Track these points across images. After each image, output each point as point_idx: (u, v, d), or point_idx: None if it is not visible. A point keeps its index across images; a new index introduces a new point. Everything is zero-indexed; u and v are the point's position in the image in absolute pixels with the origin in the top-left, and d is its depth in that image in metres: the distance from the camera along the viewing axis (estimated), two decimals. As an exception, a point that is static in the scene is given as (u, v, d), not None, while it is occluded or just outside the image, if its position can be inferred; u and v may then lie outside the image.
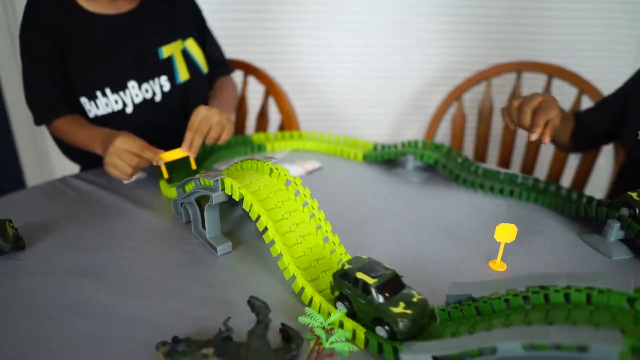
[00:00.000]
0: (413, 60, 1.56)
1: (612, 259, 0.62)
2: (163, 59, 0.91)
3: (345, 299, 0.46)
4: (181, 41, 0.93)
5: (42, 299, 0.50)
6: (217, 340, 0.40)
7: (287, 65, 1.54)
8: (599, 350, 0.32)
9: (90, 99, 0.86)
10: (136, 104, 0.89)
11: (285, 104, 1.11)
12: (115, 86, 0.87)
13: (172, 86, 0.92)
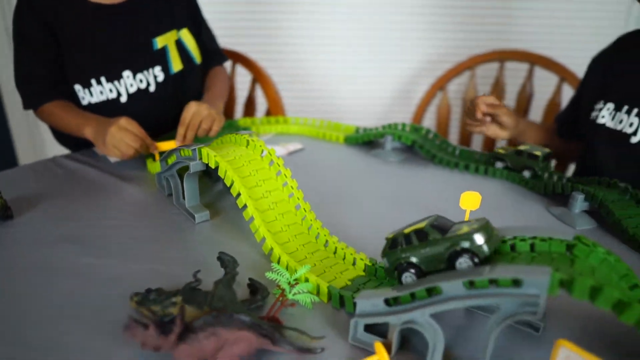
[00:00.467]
0: (400, 51, 1.59)
1: (576, 229, 0.65)
2: (157, 49, 0.93)
3: (408, 267, 0.43)
4: (175, 31, 0.95)
5: (27, 262, 0.53)
6: (186, 290, 0.42)
7: (278, 57, 1.57)
8: (531, 283, 0.34)
9: (84, 87, 0.88)
10: (130, 94, 0.91)
11: (272, 91, 1.15)
12: (111, 75, 0.89)
13: (165, 76, 0.94)
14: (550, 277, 0.34)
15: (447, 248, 0.40)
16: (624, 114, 0.77)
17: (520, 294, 0.35)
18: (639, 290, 0.41)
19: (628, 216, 0.63)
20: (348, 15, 1.54)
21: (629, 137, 0.75)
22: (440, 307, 0.37)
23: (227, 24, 1.49)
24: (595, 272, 0.38)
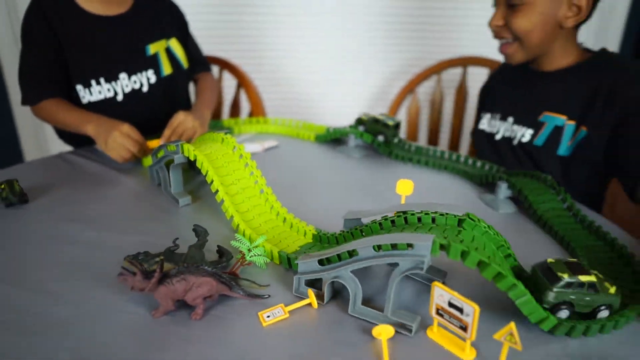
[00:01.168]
0: (374, 57, 1.73)
1: (499, 212, 0.77)
2: (150, 55, 1.06)
3: (566, 305, 0.49)
4: (165, 40, 1.09)
5: (40, 235, 0.65)
6: (166, 252, 0.55)
7: (260, 62, 1.71)
8: (420, 247, 0.46)
9: (85, 87, 1.00)
10: (126, 93, 1.04)
11: (254, 95, 1.28)
12: (109, 76, 1.02)
13: (157, 79, 1.08)
14: (433, 243, 0.46)
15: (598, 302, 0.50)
16: (497, 120, 1.00)
17: (412, 254, 0.46)
18: (512, 258, 0.54)
19: (542, 202, 0.76)
20: (326, 25, 1.68)
21: (493, 135, 1.00)
22: (358, 265, 0.49)
23: (213, 32, 1.62)
24: (475, 241, 0.50)
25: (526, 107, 0.95)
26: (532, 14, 0.86)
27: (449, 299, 0.45)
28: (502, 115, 1.00)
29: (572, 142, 0.89)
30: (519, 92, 0.98)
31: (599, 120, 0.85)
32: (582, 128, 0.87)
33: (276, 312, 0.50)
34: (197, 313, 0.48)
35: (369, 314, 0.50)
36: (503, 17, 0.89)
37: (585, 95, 0.88)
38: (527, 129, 0.94)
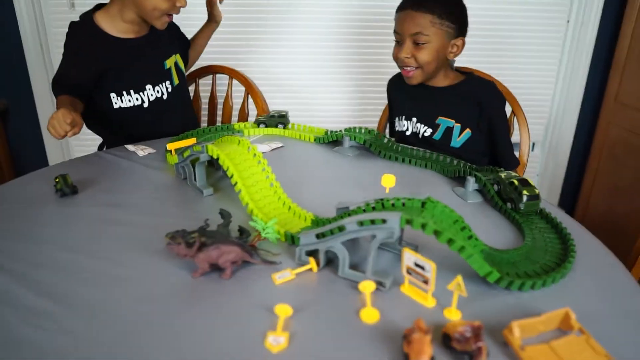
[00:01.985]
0: (370, 65, 1.89)
1: (467, 202, 0.93)
2: (166, 69, 1.28)
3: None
4: (174, 56, 1.30)
5: (92, 218, 0.81)
6: (200, 229, 0.70)
7: (266, 70, 1.87)
8: (391, 221, 0.62)
9: (118, 95, 1.21)
10: (151, 101, 1.25)
11: (260, 101, 1.44)
12: (137, 88, 1.23)
13: (172, 88, 1.29)
14: (400, 218, 0.62)
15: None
16: (404, 121, 1.31)
17: (386, 227, 0.62)
18: (467, 230, 0.70)
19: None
20: (325, 37, 1.84)
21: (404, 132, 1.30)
22: (345, 237, 0.65)
23: (224, 44, 1.78)
24: (434, 217, 0.66)
25: (425, 112, 1.27)
26: (432, 50, 1.17)
27: (414, 260, 0.61)
28: (406, 117, 1.31)
29: (460, 138, 1.23)
30: (418, 101, 1.29)
31: (476, 125, 1.22)
32: (467, 130, 1.22)
33: (285, 274, 0.66)
34: (226, 274, 0.64)
35: (354, 274, 0.65)
36: (410, 51, 1.19)
37: (465, 107, 1.23)
38: (428, 128, 1.26)
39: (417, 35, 1.17)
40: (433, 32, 1.17)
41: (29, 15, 1.77)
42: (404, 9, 1.20)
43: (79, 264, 0.68)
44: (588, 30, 1.91)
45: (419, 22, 1.17)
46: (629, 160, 1.81)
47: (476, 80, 1.27)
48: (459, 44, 1.21)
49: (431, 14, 1.16)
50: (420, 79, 1.23)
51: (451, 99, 1.25)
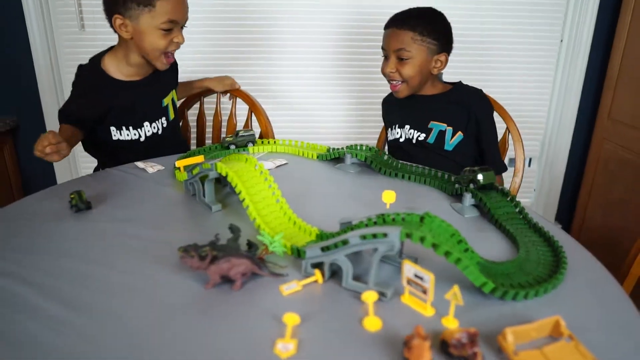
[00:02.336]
0: (372, 83, 1.94)
1: (465, 217, 0.97)
2: (164, 106, 1.35)
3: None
4: (171, 93, 1.38)
5: (107, 232, 0.85)
6: (211, 243, 0.74)
7: (270, 88, 1.92)
8: (391, 234, 0.66)
9: (117, 130, 1.28)
10: (147, 136, 1.33)
11: (263, 119, 1.49)
12: (136, 125, 1.30)
13: (167, 123, 1.37)
14: (400, 232, 0.66)
15: None
16: (397, 129, 1.40)
17: (387, 241, 0.66)
18: (463, 244, 0.74)
19: (498, 207, 0.96)
20: (327, 57, 1.90)
21: (398, 140, 1.39)
22: (349, 250, 0.69)
23: (227, 63, 1.84)
24: (432, 231, 0.70)
25: (417, 118, 1.36)
26: (414, 65, 1.28)
27: (414, 271, 0.64)
28: (399, 125, 1.40)
29: (452, 141, 1.32)
30: (410, 109, 1.38)
31: (465, 128, 1.31)
32: (459, 132, 1.31)
33: (292, 285, 0.70)
34: (236, 285, 0.68)
35: (358, 285, 0.69)
36: (395, 66, 1.29)
37: (455, 112, 1.32)
38: (421, 133, 1.35)
39: (400, 51, 1.27)
40: (415, 48, 1.26)
41: (41, 36, 1.83)
42: (389, 27, 1.31)
43: (97, 276, 0.72)
44: (580, 49, 1.97)
45: (402, 38, 1.26)
46: (623, 175, 1.85)
47: (464, 88, 1.37)
48: (442, 59, 1.30)
49: (412, 31, 1.26)
50: (406, 92, 1.33)
51: (441, 105, 1.34)
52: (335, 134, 2.05)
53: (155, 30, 1.17)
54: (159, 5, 1.14)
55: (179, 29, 1.21)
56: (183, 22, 1.22)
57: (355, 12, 1.89)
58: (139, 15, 1.15)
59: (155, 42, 1.19)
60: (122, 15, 1.17)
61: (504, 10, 1.93)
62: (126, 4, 1.15)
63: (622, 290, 0.73)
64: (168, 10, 1.15)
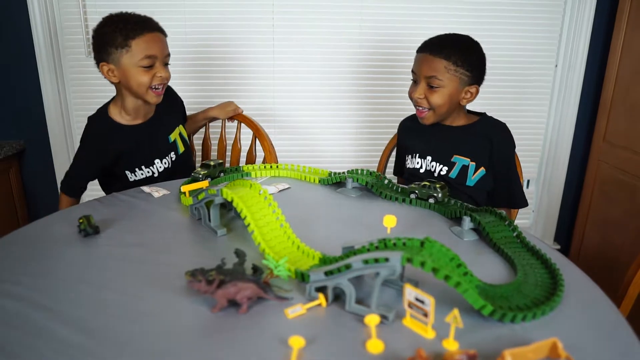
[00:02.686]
0: (374, 107, 1.99)
1: (464, 240, 0.99)
2: (171, 142, 1.42)
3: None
4: (177, 128, 1.44)
5: (115, 257, 0.87)
6: (218, 267, 0.76)
7: (273, 113, 1.97)
8: (393, 259, 0.68)
9: (131, 172, 1.36)
10: (160, 171, 1.39)
11: (267, 144, 1.53)
12: (147, 164, 1.37)
13: (176, 156, 1.43)
14: (401, 257, 0.68)
15: None
16: (417, 158, 1.37)
17: (388, 265, 0.68)
18: (463, 267, 0.76)
19: (496, 231, 0.98)
20: (329, 82, 1.95)
21: (418, 170, 1.36)
22: (352, 274, 0.71)
23: (231, 89, 1.88)
24: (432, 255, 0.72)
25: (440, 150, 1.33)
26: (444, 94, 1.25)
27: (415, 295, 0.67)
28: (420, 155, 1.37)
29: (475, 176, 1.29)
30: (433, 139, 1.36)
31: (487, 163, 1.29)
32: (481, 168, 1.29)
33: (297, 309, 0.72)
34: (243, 309, 0.70)
35: (360, 309, 0.71)
36: (424, 93, 1.26)
37: (479, 146, 1.30)
38: (443, 166, 1.32)
39: (432, 78, 1.24)
40: (447, 78, 1.23)
41: (49, 61, 1.88)
42: (423, 52, 1.27)
43: (107, 300, 0.74)
44: (575, 74, 2.02)
45: (435, 66, 1.23)
46: (619, 195, 1.88)
47: (490, 121, 1.34)
48: (472, 90, 1.28)
49: (447, 60, 1.22)
50: (432, 119, 1.31)
51: (466, 138, 1.32)
52: (337, 158, 2.08)
53: (136, 68, 1.25)
54: (134, 45, 1.23)
55: (161, 64, 1.28)
56: (162, 57, 1.28)
57: (360, 36, 1.94)
58: (120, 57, 1.24)
59: (139, 79, 1.26)
60: (107, 62, 1.26)
61: (500, 36, 1.98)
62: (107, 50, 1.24)
63: (618, 312, 0.76)
64: (143, 48, 1.23)
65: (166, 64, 1.31)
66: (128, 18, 1.25)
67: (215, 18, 1.88)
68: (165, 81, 1.31)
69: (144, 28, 1.24)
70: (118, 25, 1.23)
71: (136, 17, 1.27)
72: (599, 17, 1.96)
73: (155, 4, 1.85)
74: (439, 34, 1.30)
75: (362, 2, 1.90)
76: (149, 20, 1.28)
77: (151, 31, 1.26)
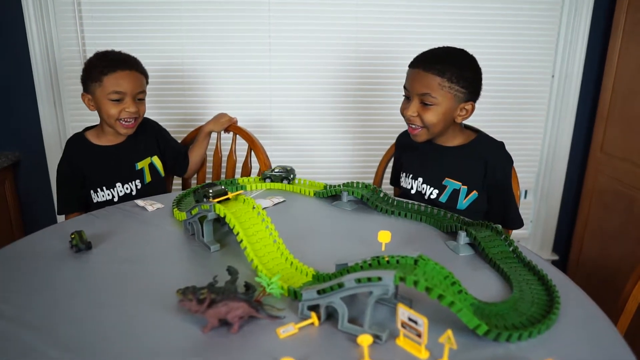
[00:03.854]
0: (369, 119, 1.98)
1: (459, 255, 0.98)
2: (137, 169, 1.46)
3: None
4: (149, 158, 1.49)
5: (107, 273, 0.86)
6: (209, 286, 0.75)
7: (269, 124, 1.96)
8: (386, 278, 0.67)
9: (94, 192, 1.41)
10: (120, 196, 1.43)
11: (262, 156, 1.52)
12: (109, 185, 1.42)
13: (142, 185, 1.46)
14: (394, 275, 0.67)
15: None
16: (410, 179, 1.34)
17: (381, 284, 0.68)
18: (457, 285, 0.75)
19: (492, 247, 0.97)
20: (324, 93, 1.95)
21: (410, 191, 1.33)
22: (344, 293, 0.70)
23: (223, 100, 1.88)
24: (426, 274, 0.71)
25: (432, 172, 1.30)
26: (438, 112, 1.20)
27: (408, 315, 0.66)
28: (413, 176, 1.34)
29: (466, 200, 1.26)
30: (425, 160, 1.32)
31: (481, 185, 1.25)
32: (473, 192, 1.25)
33: (289, 328, 0.71)
34: (234, 329, 0.69)
35: (353, 328, 0.70)
36: (417, 110, 1.21)
37: (472, 169, 1.26)
38: (434, 189, 1.28)
39: (425, 96, 1.17)
40: (441, 95, 1.17)
41: (45, 71, 1.87)
42: (415, 67, 1.20)
43: (97, 319, 0.73)
44: (572, 84, 2.02)
45: (428, 82, 1.16)
46: (617, 206, 1.87)
47: (485, 141, 1.28)
48: (468, 107, 1.22)
49: (441, 77, 1.16)
50: (425, 137, 1.25)
51: (459, 160, 1.26)
52: (334, 169, 2.08)
53: (106, 101, 1.37)
54: (105, 80, 1.36)
55: (131, 99, 1.38)
56: (132, 93, 1.39)
57: (356, 47, 1.94)
58: (95, 89, 1.38)
59: (108, 110, 1.38)
60: (87, 92, 1.41)
61: (496, 46, 1.98)
62: (87, 83, 1.40)
63: (615, 330, 0.75)
64: (112, 84, 1.36)
65: (140, 99, 1.42)
66: (108, 55, 1.40)
67: (212, 36, 1.89)
68: (134, 116, 1.40)
69: (117, 66, 1.37)
70: (98, 61, 1.38)
71: (117, 55, 1.41)
72: (595, 27, 1.96)
73: (153, 29, 1.87)
74: (432, 48, 1.25)
75: (358, 14, 1.91)
76: (127, 59, 1.41)
77: (124, 69, 1.37)
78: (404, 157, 1.41)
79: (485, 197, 1.26)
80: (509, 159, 1.27)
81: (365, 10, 1.90)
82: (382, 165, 1.61)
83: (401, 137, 1.46)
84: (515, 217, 1.28)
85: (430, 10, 1.92)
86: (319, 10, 1.89)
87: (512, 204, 1.28)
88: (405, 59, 1.29)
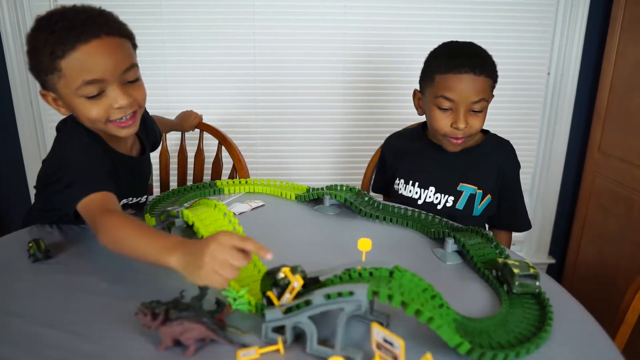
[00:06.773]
0: (355, 118, 1.92)
1: (447, 263, 0.92)
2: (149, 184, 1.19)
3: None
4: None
5: (64, 286, 0.80)
6: (174, 301, 0.68)
7: (246, 124, 1.91)
8: (358, 293, 0.61)
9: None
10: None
11: (235, 152, 1.47)
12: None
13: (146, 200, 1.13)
14: (367, 290, 0.61)
15: None
16: (417, 188, 1.22)
17: (353, 300, 0.61)
18: (438, 299, 0.68)
19: (482, 255, 0.91)
20: (313, 90, 1.89)
21: (416, 200, 1.21)
22: (313, 312, 0.63)
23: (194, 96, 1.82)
24: (402, 287, 0.65)
25: (445, 179, 1.19)
26: (484, 117, 1.12)
27: (383, 336, 0.59)
28: (420, 184, 1.22)
29: (481, 205, 1.18)
30: (434, 166, 1.21)
31: (494, 191, 1.19)
32: (488, 196, 1.18)
33: (251, 352, 0.64)
34: (189, 351, 0.63)
35: (323, 351, 0.63)
36: (467, 120, 1.09)
37: (486, 171, 1.19)
38: (449, 196, 1.18)
39: (480, 102, 1.05)
40: (490, 98, 1.09)
41: (20, 69, 1.81)
42: (465, 72, 1.04)
43: (46, 339, 0.66)
44: (568, 82, 1.95)
45: (483, 88, 1.05)
46: (616, 208, 1.81)
47: (495, 141, 1.22)
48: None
49: (490, 79, 1.08)
50: (462, 146, 1.15)
51: (471, 163, 1.18)
52: (318, 171, 2.01)
53: (78, 99, 0.85)
54: (65, 67, 0.81)
55: (117, 85, 0.86)
56: (116, 75, 0.85)
57: (343, 50, 1.87)
58: (55, 85, 0.85)
59: (87, 113, 0.86)
60: (46, 89, 0.89)
61: (490, 43, 1.91)
62: (39, 76, 0.87)
63: (614, 346, 0.69)
64: (78, 70, 0.82)
65: (131, 82, 0.89)
66: (58, 21, 0.81)
67: (194, 26, 1.82)
68: (129, 110, 0.89)
69: (79, 37, 0.80)
70: (45, 35, 0.81)
71: (73, 17, 0.82)
72: (592, 24, 1.90)
73: (134, 26, 1.78)
74: (455, 44, 1.13)
75: (345, 16, 1.84)
76: (91, 18, 0.83)
77: (89, 39, 0.81)
78: (400, 163, 1.29)
79: (496, 201, 1.19)
80: (517, 159, 1.22)
81: (353, 11, 1.83)
82: (371, 169, 1.54)
83: (392, 141, 1.34)
84: (525, 219, 1.24)
85: (421, 6, 1.85)
86: (306, 12, 1.82)
87: (522, 206, 1.23)
88: (395, 58, 1.21)
